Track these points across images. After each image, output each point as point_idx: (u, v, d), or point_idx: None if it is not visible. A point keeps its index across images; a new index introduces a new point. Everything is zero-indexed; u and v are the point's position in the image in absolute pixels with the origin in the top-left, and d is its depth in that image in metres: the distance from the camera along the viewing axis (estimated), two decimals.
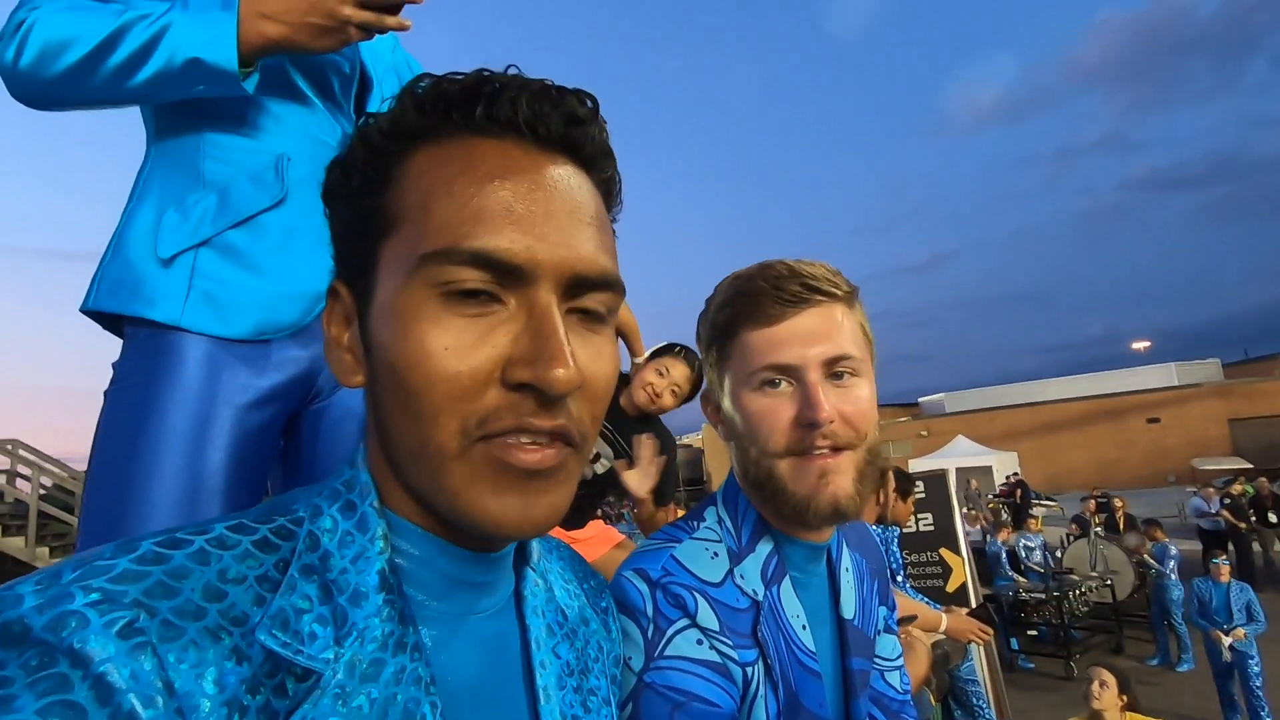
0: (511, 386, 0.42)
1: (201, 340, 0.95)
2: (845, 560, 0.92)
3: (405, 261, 0.43)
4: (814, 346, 0.78)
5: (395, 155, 0.45)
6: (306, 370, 1.05)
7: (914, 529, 5.02)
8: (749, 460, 0.82)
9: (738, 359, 0.82)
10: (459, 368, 0.41)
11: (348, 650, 0.40)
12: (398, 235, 0.44)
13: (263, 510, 0.45)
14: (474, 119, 0.44)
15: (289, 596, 0.40)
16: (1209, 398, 29.75)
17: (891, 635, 1.01)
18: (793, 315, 0.79)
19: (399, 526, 0.46)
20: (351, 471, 0.48)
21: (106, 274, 0.98)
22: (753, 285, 0.81)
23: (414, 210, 0.43)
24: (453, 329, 0.42)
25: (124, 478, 0.89)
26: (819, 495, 0.77)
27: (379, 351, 0.44)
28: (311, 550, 0.42)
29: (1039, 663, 7.58)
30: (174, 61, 0.91)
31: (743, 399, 0.81)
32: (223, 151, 1.02)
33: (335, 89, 1.13)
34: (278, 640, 0.38)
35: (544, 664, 0.52)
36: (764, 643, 0.76)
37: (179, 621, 0.35)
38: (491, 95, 0.44)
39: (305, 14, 0.93)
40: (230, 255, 0.99)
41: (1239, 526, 10.56)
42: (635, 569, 0.78)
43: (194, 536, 0.39)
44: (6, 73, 0.92)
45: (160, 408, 0.92)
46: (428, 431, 0.42)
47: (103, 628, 0.33)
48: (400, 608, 0.43)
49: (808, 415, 0.76)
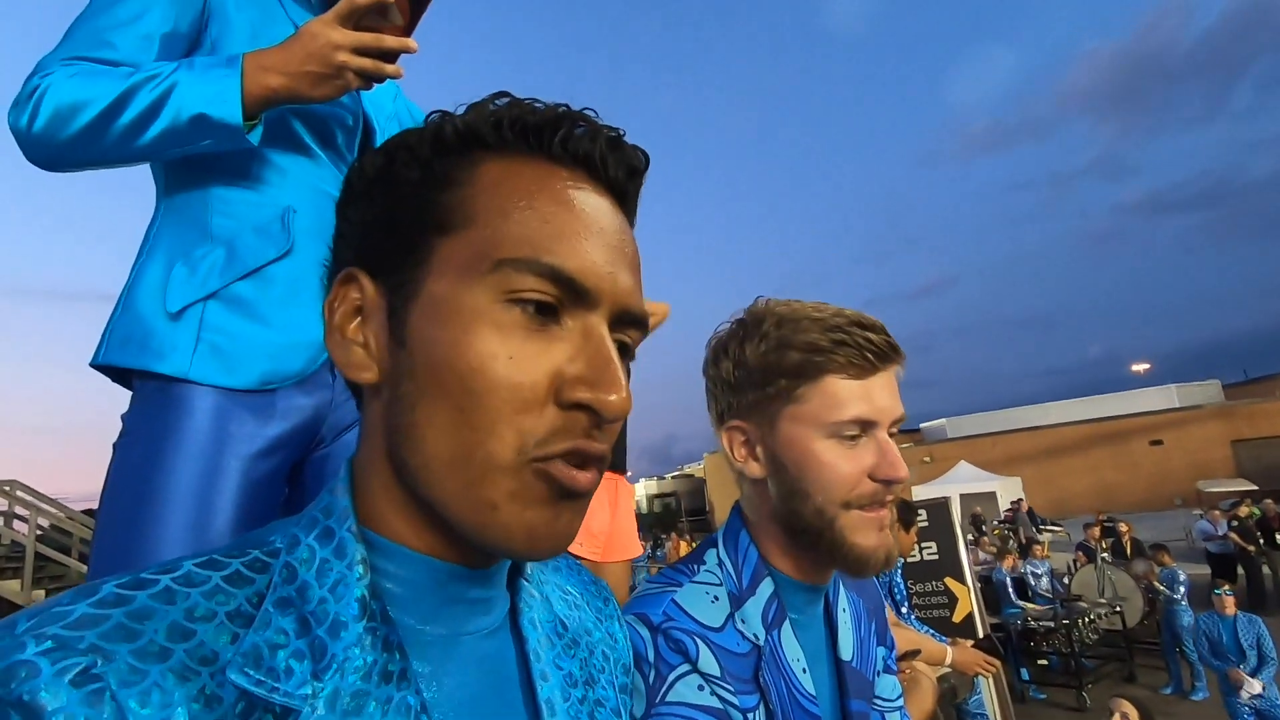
0: (566, 406, 0.42)
1: (209, 391, 0.97)
2: (842, 601, 0.93)
3: (476, 262, 0.43)
4: (894, 405, 0.82)
5: (461, 158, 0.46)
6: (311, 418, 1.07)
7: (918, 558, 4.96)
8: (808, 507, 0.81)
9: (818, 404, 0.81)
10: (521, 379, 0.41)
11: (327, 684, 0.38)
12: (463, 235, 0.44)
13: (235, 544, 0.43)
14: (550, 147, 0.46)
15: (263, 632, 0.38)
16: (1211, 419, 29.67)
17: (891, 676, 1.02)
18: (880, 371, 0.82)
19: (385, 548, 0.45)
20: (330, 497, 0.46)
21: (116, 328, 1.01)
22: (851, 336, 0.81)
23: (488, 215, 0.44)
24: (516, 338, 0.42)
25: (132, 531, 0.90)
26: (880, 548, 0.81)
27: (427, 348, 0.43)
28: (288, 582, 0.41)
29: (1050, 693, 7.45)
30: (180, 118, 0.94)
31: (814, 444, 0.81)
32: (230, 206, 1.05)
33: (339, 141, 1.17)
34: (250, 679, 0.36)
35: (545, 676, 0.50)
36: (765, 688, 0.77)
37: (140, 664, 0.33)
38: (571, 128, 0.46)
39: (304, 63, 0.97)
40: (238, 307, 1.01)
41: (1248, 549, 10.47)
42: (636, 613, 0.79)
43: (159, 576, 0.38)
44: (22, 137, 0.95)
45: (169, 461, 0.93)
46: (479, 439, 0.41)
47: (53, 676, 0.31)
48: (384, 634, 0.41)
49: (889, 473, 0.80)
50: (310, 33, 0.97)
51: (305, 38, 0.97)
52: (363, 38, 0.98)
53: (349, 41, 0.98)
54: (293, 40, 0.98)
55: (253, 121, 0.99)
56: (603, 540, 2.24)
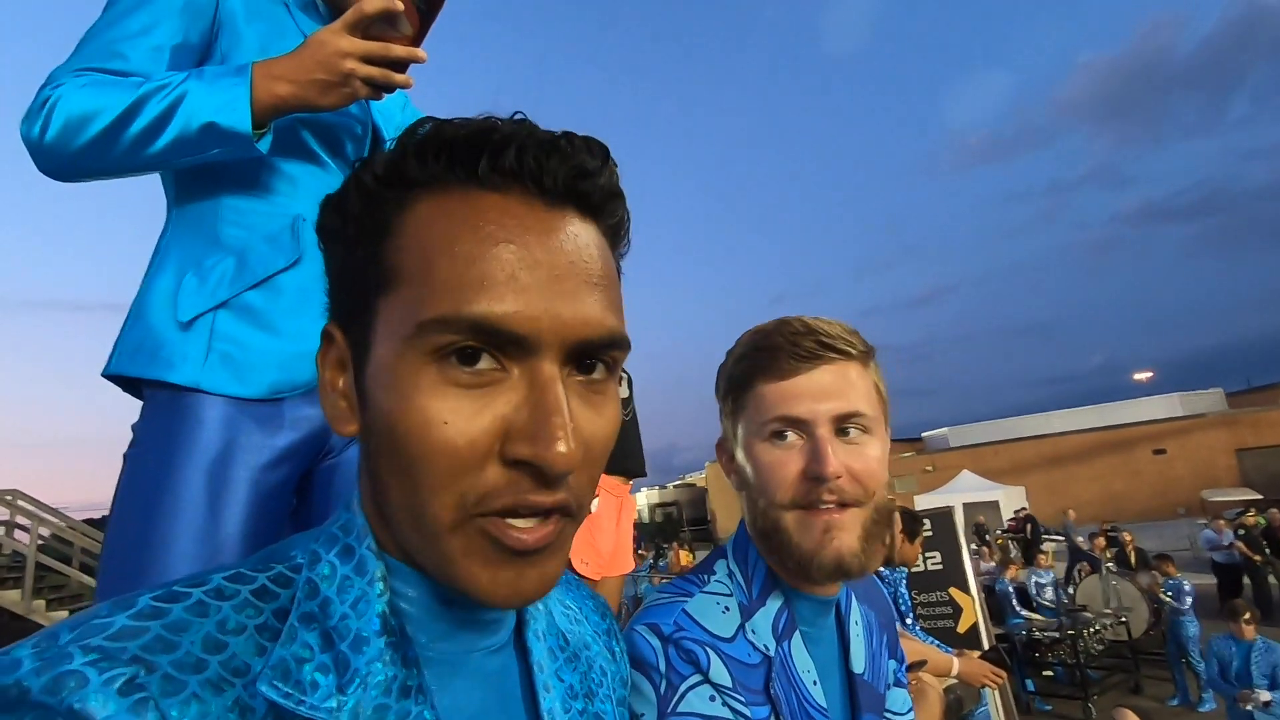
0: (510, 462, 0.41)
1: (219, 401, 0.98)
2: (855, 614, 0.93)
3: (403, 325, 0.41)
4: (825, 402, 0.80)
5: (393, 203, 0.43)
6: (319, 428, 1.07)
7: (922, 568, 4.94)
8: (757, 511, 0.83)
9: (751, 410, 0.84)
10: (458, 442, 0.40)
11: (350, 698, 0.39)
12: (396, 294, 0.42)
13: (260, 558, 0.45)
14: (477, 171, 0.42)
15: (290, 646, 0.39)
16: (1215, 428, 29.57)
17: (902, 689, 1.01)
18: (807, 370, 0.81)
19: (397, 570, 0.46)
20: (348, 514, 0.47)
21: (127, 339, 1.01)
22: (770, 340, 0.84)
23: (413, 270, 0.41)
24: (451, 398, 0.40)
25: (142, 540, 0.90)
26: (823, 550, 0.78)
27: (376, 413, 0.43)
28: (310, 598, 0.42)
29: (1056, 704, 7.39)
30: (190, 127, 0.95)
31: (754, 450, 0.83)
32: (240, 215, 1.06)
33: (348, 150, 1.18)
34: (279, 691, 0.37)
35: (548, 688, 0.51)
36: (776, 699, 0.77)
37: (179, 675, 0.35)
38: (496, 146, 0.42)
39: (312, 72, 0.98)
40: (248, 316, 1.02)
41: (1254, 559, 10.40)
42: (647, 623, 0.79)
43: (191, 589, 0.39)
44: (34, 147, 0.96)
45: (179, 471, 0.93)
46: (424, 501, 0.41)
47: (102, 685, 0.32)
48: (403, 651, 0.43)
49: (814, 469, 0.78)
50: (319, 40, 0.98)
51: (313, 45, 0.98)
52: (371, 46, 0.99)
53: (357, 50, 0.98)
54: (301, 48, 0.99)
55: (262, 130, 0.99)
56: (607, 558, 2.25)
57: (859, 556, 0.78)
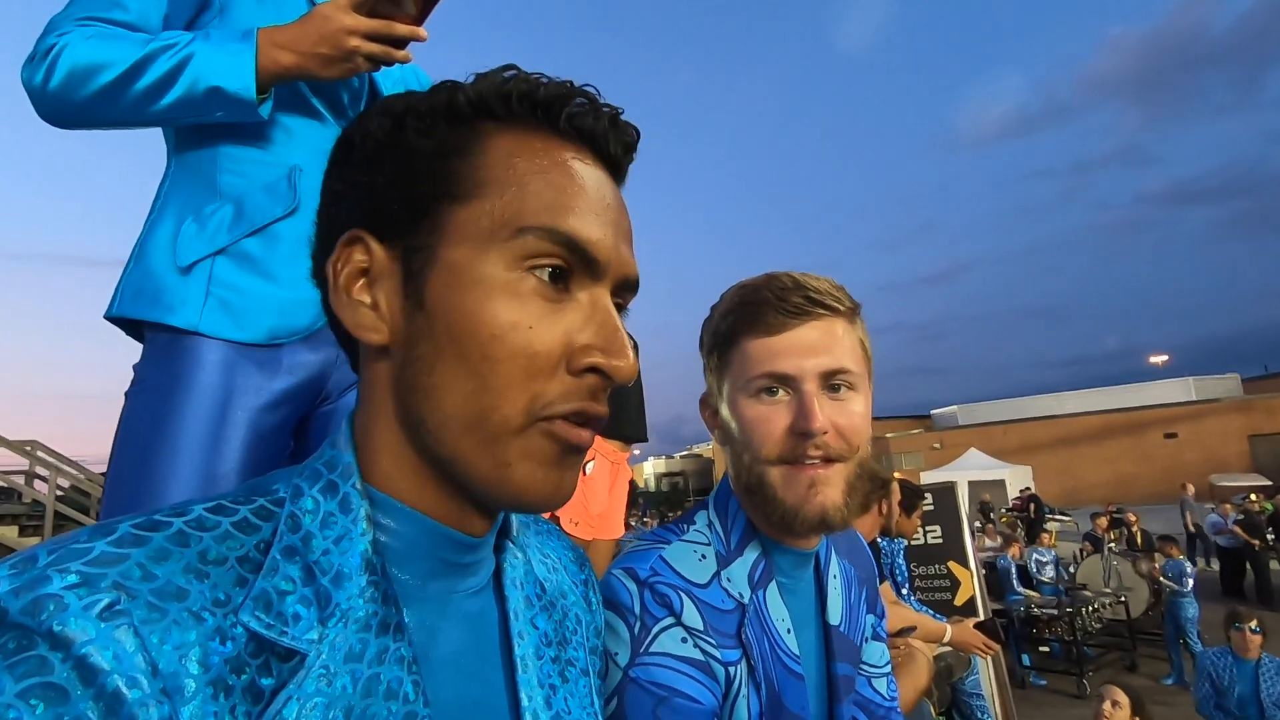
0: (576, 371, 0.45)
1: (218, 345, 1.00)
2: (833, 567, 0.94)
3: (496, 230, 0.44)
4: (812, 358, 0.79)
5: (469, 128, 0.47)
6: (317, 374, 1.09)
7: (922, 541, 4.97)
8: (742, 465, 0.84)
9: (737, 366, 0.84)
10: (537, 347, 0.44)
11: (332, 631, 0.40)
12: (479, 204, 0.45)
13: (242, 491, 0.45)
14: (557, 121, 0.47)
15: (271, 578, 0.40)
16: (1228, 413, 29.31)
17: (880, 643, 1.03)
18: (794, 326, 0.81)
19: (388, 506, 0.47)
20: (333, 451, 0.48)
21: (129, 282, 1.03)
22: (757, 295, 0.83)
23: (504, 185, 0.45)
24: (534, 307, 0.44)
25: (142, 475, 0.93)
26: (807, 505, 0.78)
27: (448, 314, 0.44)
28: (293, 531, 0.42)
29: (1051, 680, 7.48)
30: (196, 89, 0.97)
31: (739, 405, 0.84)
32: (238, 164, 1.07)
33: (345, 103, 1.18)
34: (261, 622, 0.38)
35: (522, 635, 0.52)
36: (748, 644, 0.79)
37: (160, 603, 0.35)
38: (576, 106, 0.48)
39: (315, 44, 0.99)
40: (245, 263, 1.03)
41: (1253, 543, 10.39)
42: (624, 568, 0.81)
43: (172, 518, 0.39)
44: (36, 94, 0.97)
45: (178, 409, 0.96)
46: (494, 404, 0.43)
47: (82, 610, 0.32)
48: (384, 589, 0.43)
49: (801, 424, 0.78)
50: (323, 15, 1.00)
51: (318, 19, 1.00)
52: (374, 24, 1.01)
53: (361, 27, 1.00)
54: (306, 20, 1.00)
55: (264, 95, 1.01)
56: (596, 520, 2.30)
57: (841, 510, 0.79)
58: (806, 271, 0.85)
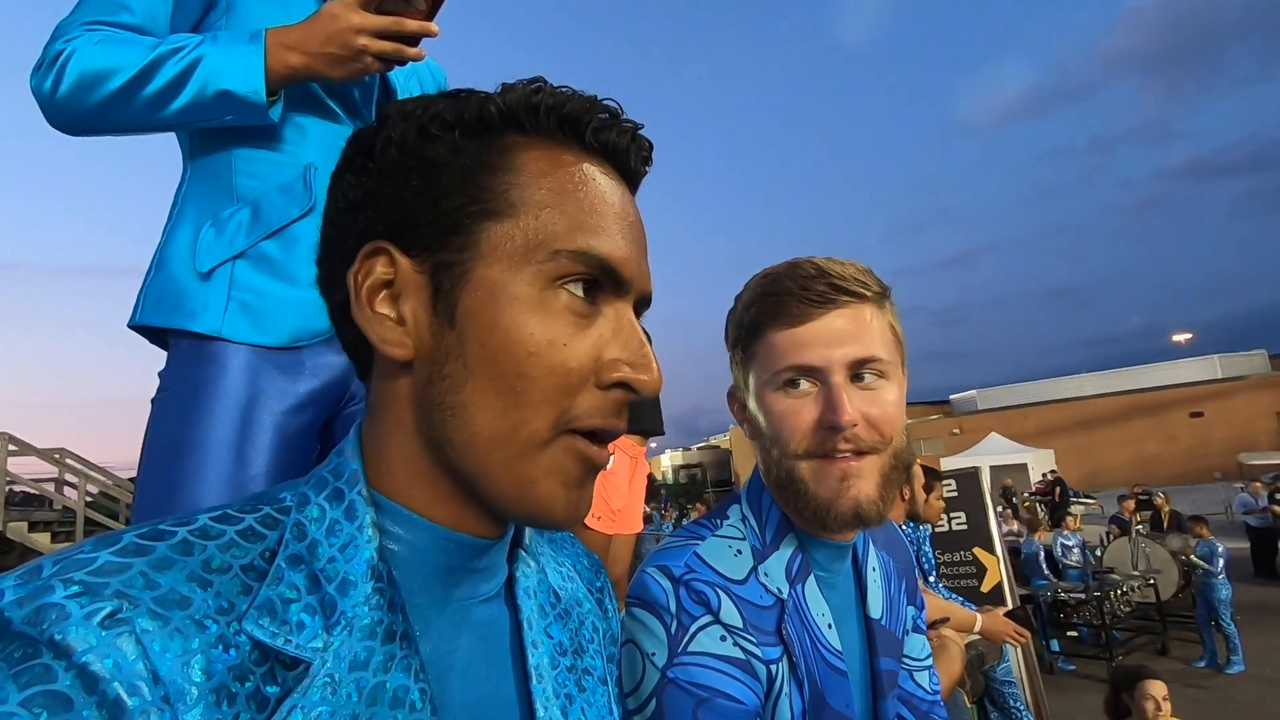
0: (604, 385, 0.46)
1: (241, 349, 0.99)
2: (872, 559, 0.92)
3: (531, 250, 0.44)
4: (839, 348, 0.77)
5: (496, 141, 0.47)
6: (341, 375, 1.09)
7: (946, 528, 4.93)
8: (771, 460, 0.82)
9: (763, 358, 0.82)
10: (571, 364, 0.44)
11: (336, 639, 0.40)
12: (513, 222, 0.45)
13: (248, 500, 0.45)
14: (584, 136, 0.48)
15: (276, 587, 0.40)
16: (1255, 390, 28.77)
17: (920, 635, 1.01)
18: (819, 316, 0.78)
19: (396, 514, 0.46)
20: (339, 459, 0.48)
21: (150, 290, 1.03)
22: (780, 285, 0.80)
23: (539, 205, 0.45)
24: (567, 324, 0.45)
25: (171, 481, 0.93)
26: (840, 499, 0.76)
27: (482, 332, 0.44)
28: (298, 539, 0.42)
29: (1080, 665, 7.40)
30: (205, 93, 0.96)
31: (766, 399, 0.81)
32: (253, 166, 1.06)
33: (357, 99, 1.17)
34: (265, 630, 0.38)
35: (536, 644, 0.52)
36: (788, 640, 0.77)
37: (162, 611, 0.35)
38: (601, 121, 0.48)
39: (323, 44, 0.98)
40: (265, 265, 1.03)
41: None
42: (658, 565, 0.79)
43: (176, 528, 0.39)
44: (44, 101, 0.97)
45: (204, 415, 0.95)
46: (525, 419, 0.44)
47: (83, 619, 0.33)
48: (390, 596, 0.43)
49: (830, 418, 0.75)
50: (331, 14, 0.98)
51: (326, 19, 0.98)
52: (383, 22, 0.99)
53: (370, 25, 0.98)
54: (313, 20, 0.99)
55: (273, 97, 1.00)
56: (618, 515, 2.29)
57: (877, 504, 0.77)
58: (831, 256, 0.83)
